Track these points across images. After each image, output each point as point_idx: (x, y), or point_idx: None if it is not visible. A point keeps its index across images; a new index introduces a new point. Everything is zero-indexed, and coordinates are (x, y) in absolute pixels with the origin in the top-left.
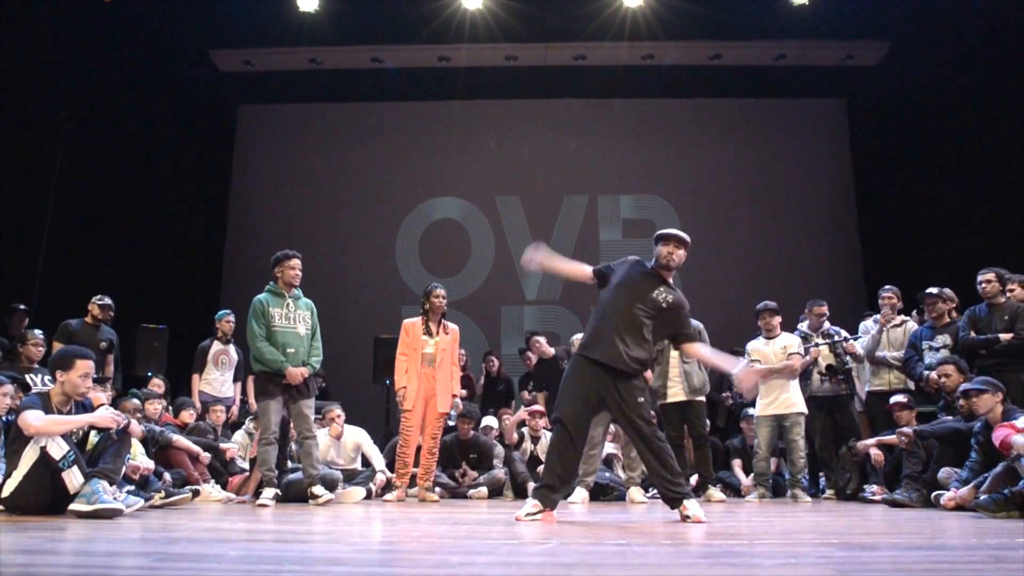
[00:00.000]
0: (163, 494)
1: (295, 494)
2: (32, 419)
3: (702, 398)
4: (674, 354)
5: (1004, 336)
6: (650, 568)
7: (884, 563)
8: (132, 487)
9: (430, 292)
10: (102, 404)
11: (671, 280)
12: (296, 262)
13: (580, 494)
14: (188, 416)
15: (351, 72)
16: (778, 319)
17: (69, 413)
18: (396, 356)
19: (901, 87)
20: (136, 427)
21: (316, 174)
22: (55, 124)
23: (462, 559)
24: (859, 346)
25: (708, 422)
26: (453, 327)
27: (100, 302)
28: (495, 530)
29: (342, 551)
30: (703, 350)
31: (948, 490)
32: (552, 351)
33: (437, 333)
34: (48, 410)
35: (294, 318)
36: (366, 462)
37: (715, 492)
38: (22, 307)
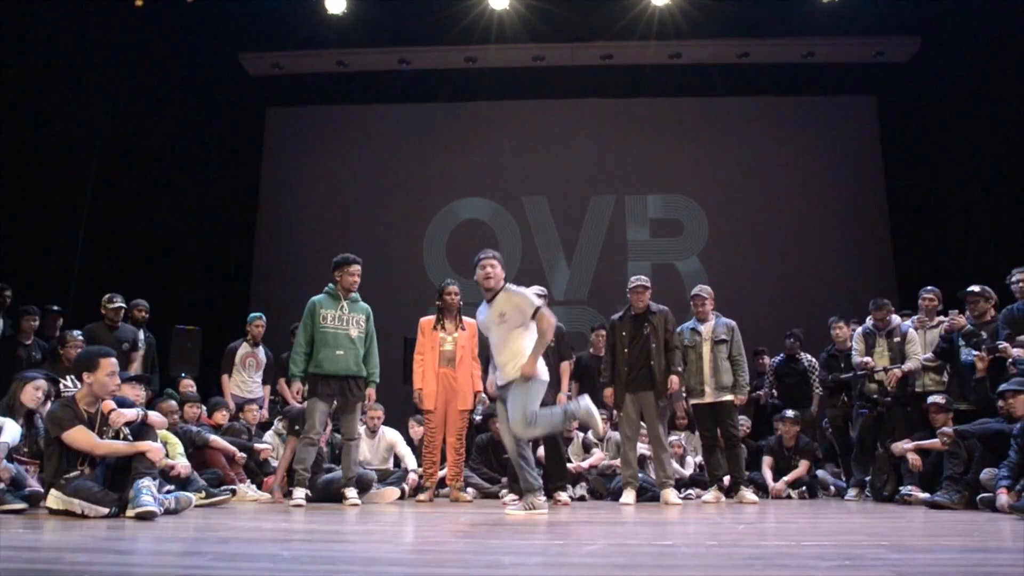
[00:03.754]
0: (203, 494)
1: (330, 493)
2: (76, 437)
3: (730, 397)
4: (705, 353)
5: None
6: (707, 569)
7: (942, 566)
8: (173, 487)
9: (443, 289)
10: (139, 400)
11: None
12: (356, 268)
13: (629, 495)
14: (221, 417)
15: (378, 74)
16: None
17: (95, 413)
18: (413, 357)
19: (933, 84)
20: (155, 416)
21: (343, 175)
22: (90, 129)
23: (514, 559)
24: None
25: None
26: (471, 322)
27: (110, 304)
28: (538, 531)
29: (392, 552)
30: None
31: (991, 492)
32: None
33: (456, 329)
34: (76, 414)
35: (347, 320)
36: (397, 462)
37: (747, 493)
38: (55, 308)
